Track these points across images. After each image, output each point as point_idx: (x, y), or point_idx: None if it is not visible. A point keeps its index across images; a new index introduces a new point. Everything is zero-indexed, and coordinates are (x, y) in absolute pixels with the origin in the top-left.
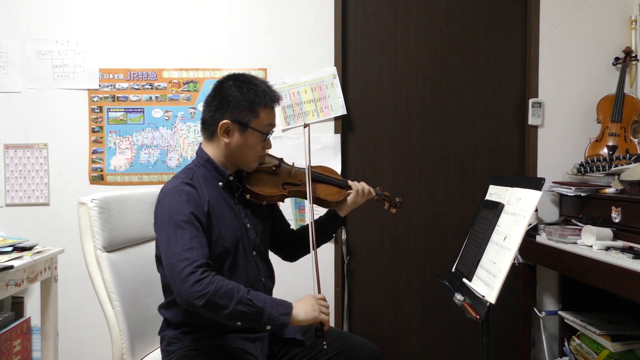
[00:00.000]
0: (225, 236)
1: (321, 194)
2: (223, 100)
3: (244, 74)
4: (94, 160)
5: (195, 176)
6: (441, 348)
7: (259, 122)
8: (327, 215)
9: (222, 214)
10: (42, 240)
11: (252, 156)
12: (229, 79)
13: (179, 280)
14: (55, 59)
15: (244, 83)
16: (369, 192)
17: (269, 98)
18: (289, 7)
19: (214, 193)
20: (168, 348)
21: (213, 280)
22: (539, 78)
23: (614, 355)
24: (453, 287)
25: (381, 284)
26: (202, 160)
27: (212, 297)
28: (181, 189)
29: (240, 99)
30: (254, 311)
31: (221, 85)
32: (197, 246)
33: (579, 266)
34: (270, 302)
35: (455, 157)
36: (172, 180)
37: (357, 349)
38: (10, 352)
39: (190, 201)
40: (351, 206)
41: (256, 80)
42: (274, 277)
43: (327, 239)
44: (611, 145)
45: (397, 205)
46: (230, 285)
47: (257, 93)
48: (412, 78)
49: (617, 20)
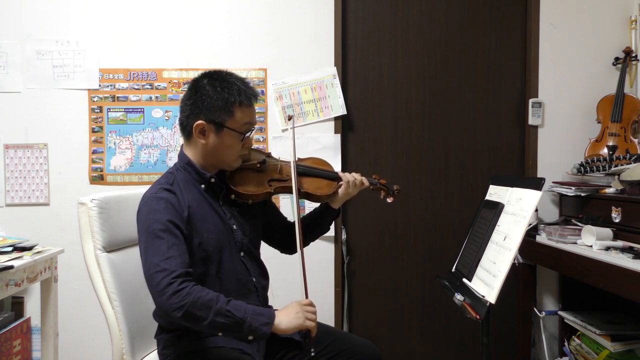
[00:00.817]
0: (208, 240)
1: (309, 188)
2: (197, 100)
3: (220, 70)
4: (94, 160)
5: (175, 180)
6: (441, 348)
7: (235, 122)
8: (320, 208)
9: (205, 218)
10: (42, 240)
11: (231, 156)
12: (204, 77)
13: (157, 292)
14: (55, 59)
15: (218, 81)
16: (360, 182)
17: (245, 96)
18: (289, 7)
19: (196, 197)
20: (164, 351)
21: (191, 291)
22: (539, 78)
23: (614, 355)
24: (453, 287)
25: (381, 284)
26: (182, 163)
27: (189, 308)
28: (159, 197)
29: (215, 98)
30: (233, 322)
31: (196, 84)
32: (175, 255)
33: (579, 266)
34: (251, 313)
35: (455, 157)
36: (152, 187)
37: (357, 349)
38: (10, 352)
39: (168, 209)
40: (343, 198)
41: (231, 78)
42: (266, 275)
43: (323, 231)
44: (611, 145)
45: (394, 193)
46: (209, 296)
47: (232, 91)
48: (412, 78)
49: (617, 20)
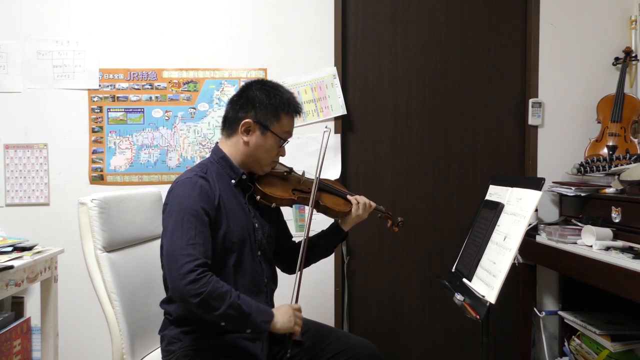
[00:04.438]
0: (233, 231)
1: (328, 203)
2: (249, 101)
3: (272, 80)
4: (94, 160)
5: (209, 171)
6: (441, 348)
7: (279, 127)
8: (330, 228)
9: (232, 210)
10: (42, 240)
11: (267, 159)
12: (257, 83)
13: (177, 275)
14: (55, 59)
15: (272, 89)
16: (369, 205)
17: (293, 107)
18: (289, 7)
19: (226, 189)
20: (168, 348)
21: (210, 280)
22: (539, 78)
23: (614, 355)
24: (453, 287)
25: (381, 284)
26: (217, 157)
27: (206, 297)
28: (195, 181)
29: (266, 102)
30: (240, 315)
31: (248, 87)
32: (200, 243)
33: (579, 266)
34: (255, 309)
35: (455, 157)
36: (186, 173)
37: (357, 349)
38: (10, 352)
39: (202, 195)
40: (355, 220)
41: (282, 89)
42: (276, 279)
43: (327, 253)
44: (611, 145)
45: (399, 225)
46: (224, 288)
47: (283, 100)
48: (412, 78)
49: (617, 20)
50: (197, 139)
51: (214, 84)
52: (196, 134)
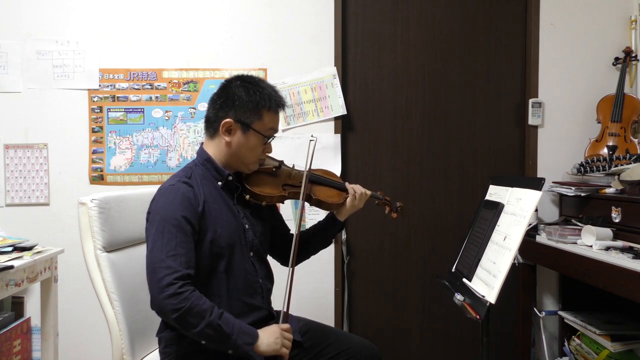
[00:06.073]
0: (221, 236)
1: (321, 195)
2: (228, 99)
3: (252, 75)
4: (94, 160)
5: (193, 175)
6: (441, 348)
7: (261, 125)
8: (326, 219)
9: (219, 214)
10: (42, 240)
11: (251, 158)
12: (237, 79)
13: (156, 288)
14: (55, 59)
15: (251, 85)
16: (365, 194)
17: (275, 102)
18: (289, 7)
19: (212, 192)
20: (166, 350)
21: (190, 296)
22: (539, 78)
23: (614, 355)
24: (453, 287)
25: (381, 284)
26: (201, 159)
27: (184, 313)
28: (177, 188)
29: (246, 100)
30: (220, 336)
31: (228, 85)
32: (181, 253)
33: (579, 266)
34: (237, 330)
35: (455, 157)
36: (170, 179)
37: (357, 349)
38: (10, 352)
39: (183, 203)
40: (350, 210)
41: (263, 83)
42: (272, 278)
43: (326, 243)
44: (611, 145)
45: (397, 210)
46: (205, 305)
47: (263, 96)
48: (412, 78)
49: (617, 20)
50: (197, 139)
51: (214, 84)
52: (196, 134)
